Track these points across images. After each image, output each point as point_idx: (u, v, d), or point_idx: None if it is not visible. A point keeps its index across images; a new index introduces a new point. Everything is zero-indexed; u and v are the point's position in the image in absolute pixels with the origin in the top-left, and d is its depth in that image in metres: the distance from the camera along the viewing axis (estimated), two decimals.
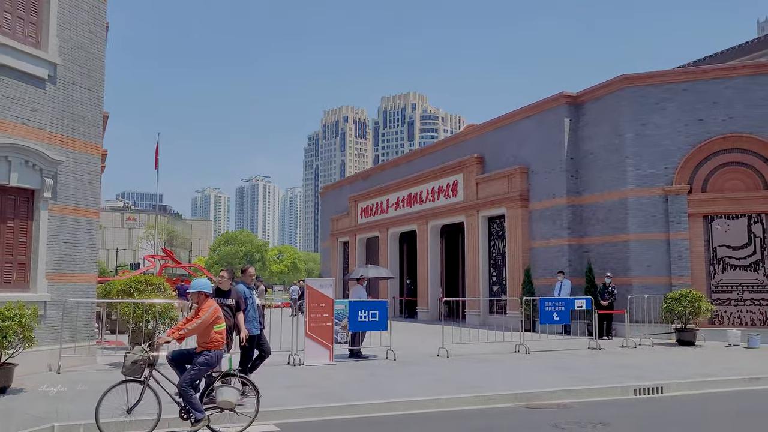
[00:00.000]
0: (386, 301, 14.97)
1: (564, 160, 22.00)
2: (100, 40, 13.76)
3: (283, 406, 9.41)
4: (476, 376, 12.53)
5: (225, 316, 9.00)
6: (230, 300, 9.59)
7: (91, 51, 13.52)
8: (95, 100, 13.54)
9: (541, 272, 22.67)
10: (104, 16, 14.06)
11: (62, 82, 12.82)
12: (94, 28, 13.64)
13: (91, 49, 13.53)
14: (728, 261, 19.33)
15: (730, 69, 19.67)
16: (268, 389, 9.89)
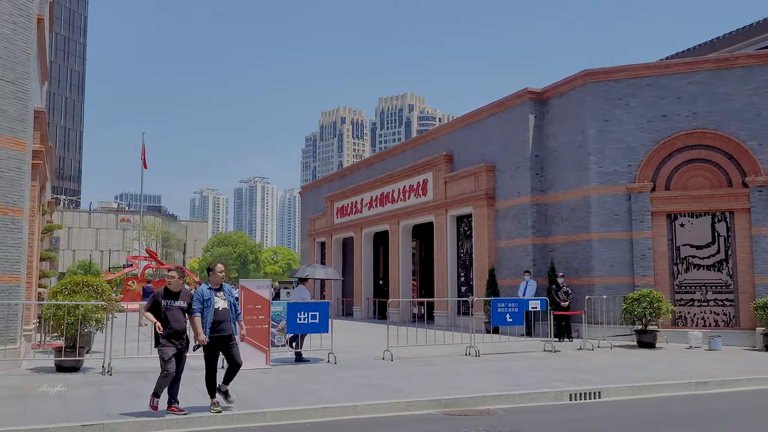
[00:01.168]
0: (328, 302, 14.47)
1: (529, 158, 21.50)
2: (25, 32, 13.28)
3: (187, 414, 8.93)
4: (410, 380, 12.03)
5: (176, 320, 8.74)
6: (180, 302, 8.89)
7: (14, 43, 13.04)
8: (19, 93, 13.05)
9: (506, 272, 22.18)
10: (34, 8, 13.58)
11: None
12: (18, 20, 13.16)
13: (14, 40, 13.05)
14: (692, 260, 18.82)
15: (693, 64, 19.16)
16: (183, 396, 9.41)
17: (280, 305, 14.07)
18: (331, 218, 35.89)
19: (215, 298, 9.02)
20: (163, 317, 8.81)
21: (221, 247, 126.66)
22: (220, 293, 9.12)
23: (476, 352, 15.72)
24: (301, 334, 14.56)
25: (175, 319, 8.80)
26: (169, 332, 8.76)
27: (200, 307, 8.89)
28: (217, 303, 9.01)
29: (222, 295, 9.12)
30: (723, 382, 12.39)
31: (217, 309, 8.98)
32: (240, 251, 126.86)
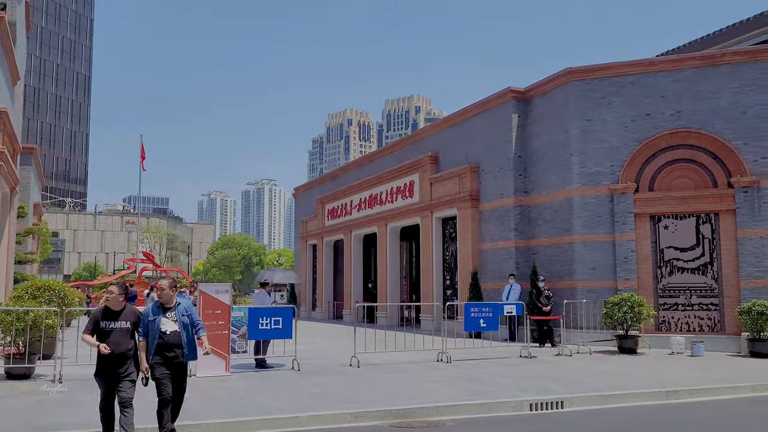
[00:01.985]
0: (291, 308, 14.06)
1: (512, 159, 21.01)
2: None
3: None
4: (368, 389, 11.59)
5: (115, 344, 7.35)
6: (122, 322, 7.49)
7: None
8: None
9: (490, 276, 21.69)
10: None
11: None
12: None
13: None
14: (676, 263, 18.28)
15: (677, 61, 18.62)
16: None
17: (241, 311, 13.66)
18: (322, 220, 35.49)
19: (162, 320, 7.61)
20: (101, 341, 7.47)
21: (225, 249, 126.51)
22: (170, 313, 7.69)
23: (448, 358, 15.26)
24: (264, 341, 14.15)
25: (115, 343, 7.38)
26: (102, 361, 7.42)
27: (145, 330, 7.62)
28: (163, 325, 7.60)
29: (173, 316, 7.69)
30: (695, 390, 11.90)
31: (164, 332, 7.57)
32: (244, 253, 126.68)
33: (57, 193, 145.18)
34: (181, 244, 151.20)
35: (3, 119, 15.34)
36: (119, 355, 7.37)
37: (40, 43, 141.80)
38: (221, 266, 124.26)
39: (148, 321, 7.60)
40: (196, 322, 7.98)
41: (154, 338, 7.55)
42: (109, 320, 7.52)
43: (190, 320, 7.88)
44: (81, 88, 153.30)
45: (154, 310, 7.69)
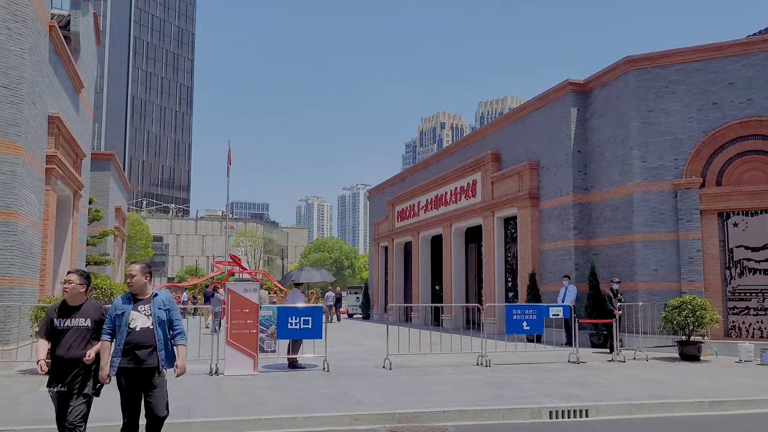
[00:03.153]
0: (321, 307, 13.85)
1: (570, 154, 20.03)
2: (20, 37, 13.53)
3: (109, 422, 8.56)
4: (387, 391, 11.20)
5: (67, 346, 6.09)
6: (80, 319, 6.20)
7: (7, 48, 13.31)
8: (12, 98, 13.29)
9: (549, 277, 20.76)
10: (30, 14, 13.82)
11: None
12: (13, 26, 13.42)
13: (8, 46, 13.31)
14: (747, 264, 16.81)
15: (747, 44, 17.14)
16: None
17: (270, 310, 13.59)
18: (392, 222, 35.27)
19: (132, 314, 6.12)
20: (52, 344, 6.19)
21: (317, 253, 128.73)
22: (143, 306, 6.20)
23: (487, 362, 14.62)
24: (295, 340, 14.03)
25: (67, 345, 6.07)
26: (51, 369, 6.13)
27: (111, 327, 6.13)
28: (133, 320, 6.10)
29: (146, 309, 6.18)
30: (745, 402, 10.79)
31: (132, 329, 6.07)
32: (335, 257, 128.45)
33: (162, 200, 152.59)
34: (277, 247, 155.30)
35: (56, 125, 15.99)
36: (70, 362, 6.07)
37: (146, 57, 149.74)
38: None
39: (115, 315, 6.11)
40: (175, 323, 6.38)
41: (122, 337, 6.06)
42: (64, 317, 6.21)
43: (168, 317, 6.33)
44: (183, 99, 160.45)
45: (123, 301, 6.21)
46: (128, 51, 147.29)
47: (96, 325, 6.26)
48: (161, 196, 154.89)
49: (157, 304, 6.26)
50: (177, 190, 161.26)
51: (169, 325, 6.35)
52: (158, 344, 6.17)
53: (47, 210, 15.77)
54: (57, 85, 16.74)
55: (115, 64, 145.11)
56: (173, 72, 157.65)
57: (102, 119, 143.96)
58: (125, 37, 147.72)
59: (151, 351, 6.11)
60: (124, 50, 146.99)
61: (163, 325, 6.29)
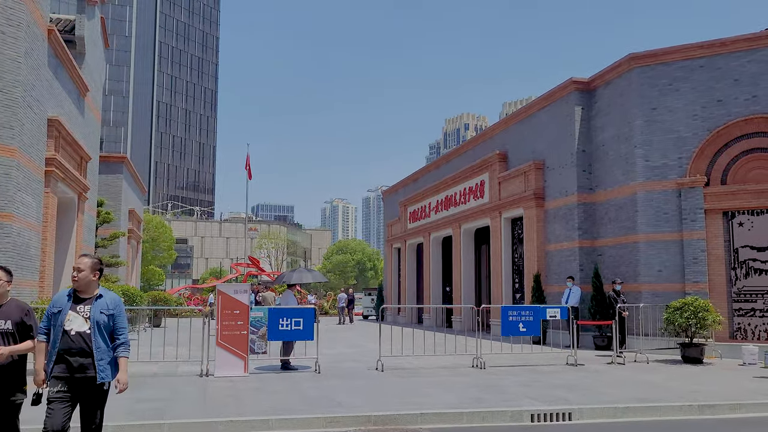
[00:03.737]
0: (313, 308, 13.80)
1: (575, 154, 19.75)
2: (14, 41, 13.69)
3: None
4: (371, 393, 11.10)
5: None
6: (1, 322, 5.56)
7: (1, 52, 13.48)
8: (6, 101, 13.45)
9: (555, 278, 20.49)
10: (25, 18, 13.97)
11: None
12: (8, 29, 13.59)
13: (2, 50, 13.48)
14: (752, 264, 16.42)
15: (752, 40, 16.74)
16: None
17: (261, 311, 13.58)
18: (405, 223, 35.15)
19: (69, 314, 5.37)
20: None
21: (340, 255, 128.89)
22: (83, 307, 5.42)
23: (482, 363, 14.44)
24: (288, 342, 14.00)
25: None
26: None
27: (46, 326, 5.49)
28: (69, 322, 5.34)
29: (85, 311, 5.40)
30: (737, 405, 10.52)
31: (67, 332, 5.31)
32: (358, 259, 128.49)
33: (187, 203, 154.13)
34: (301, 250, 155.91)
35: (56, 128, 16.17)
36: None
37: (171, 61, 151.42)
38: (336, 271, 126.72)
39: (51, 312, 5.43)
40: (119, 331, 5.56)
41: (57, 339, 5.34)
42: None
43: (113, 324, 5.52)
44: (208, 103, 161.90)
45: (62, 298, 5.50)
46: (153, 55, 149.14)
47: (18, 329, 5.60)
48: (186, 199, 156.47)
49: (99, 307, 5.44)
50: (202, 193, 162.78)
51: (113, 332, 5.52)
52: (96, 353, 5.34)
53: (47, 212, 15.93)
54: (58, 89, 16.91)
55: (141, 69, 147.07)
56: (198, 76, 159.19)
57: (128, 123, 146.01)
58: (150, 42, 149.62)
59: (87, 359, 5.31)
60: (149, 55, 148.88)
61: (103, 331, 5.43)
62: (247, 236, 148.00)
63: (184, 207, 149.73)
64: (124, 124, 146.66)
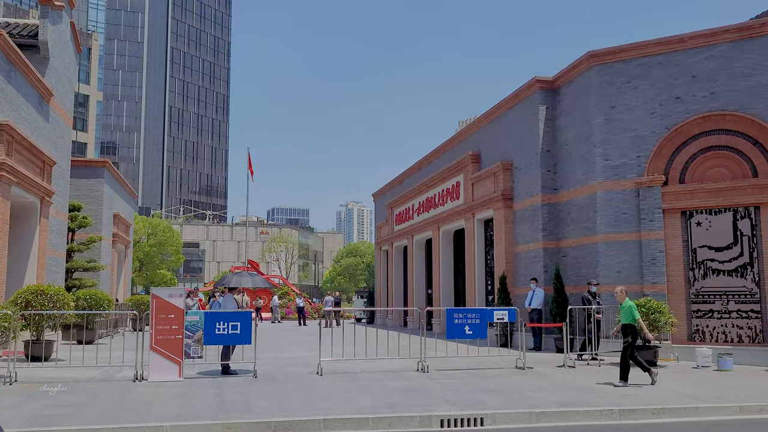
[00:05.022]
0: (250, 312, 13.68)
1: (539, 153, 19.47)
2: None
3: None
4: (286, 398, 10.93)
5: None
6: None
7: None
8: None
9: (522, 280, 20.21)
10: None
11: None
12: None
13: None
14: (710, 265, 16.05)
15: (710, 36, 16.37)
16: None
17: (197, 315, 13.47)
18: (391, 226, 34.96)
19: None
20: None
21: (350, 258, 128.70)
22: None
23: (425, 367, 14.22)
24: (229, 345, 13.87)
25: None
26: None
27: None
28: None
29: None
30: (661, 410, 10.23)
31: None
32: (368, 262, 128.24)
33: (199, 207, 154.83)
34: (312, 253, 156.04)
35: (7, 132, 16.20)
36: None
37: (183, 67, 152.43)
38: (346, 274, 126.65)
39: None
40: None
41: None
42: None
43: None
44: (220, 107, 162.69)
45: None
46: (165, 61, 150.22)
47: None
48: (199, 203, 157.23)
49: None
50: (214, 197, 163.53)
51: None
52: None
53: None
54: (11, 93, 16.95)
55: (153, 74, 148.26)
56: (210, 81, 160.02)
57: (141, 129, 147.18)
58: (162, 48, 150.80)
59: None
60: (161, 60, 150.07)
61: None
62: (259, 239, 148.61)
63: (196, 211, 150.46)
64: (136, 130, 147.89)
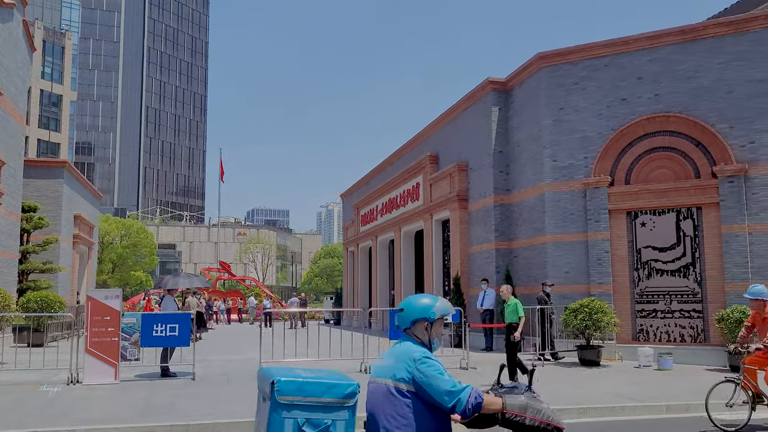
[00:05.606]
0: (189, 314, 13.56)
1: (492, 154, 19.54)
2: None
3: None
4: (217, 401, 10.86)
5: None
6: None
7: None
8: None
9: (476, 281, 20.25)
10: None
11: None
12: None
13: None
14: (654, 265, 16.19)
15: (654, 38, 16.51)
16: None
17: (134, 317, 13.33)
18: (357, 227, 34.91)
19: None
20: None
21: (327, 259, 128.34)
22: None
23: (366, 368, 14.20)
24: (170, 348, 13.75)
25: None
26: None
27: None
28: None
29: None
30: (586, 409, 10.30)
31: None
32: None
33: (177, 208, 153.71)
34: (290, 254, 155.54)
35: None
36: None
37: (159, 66, 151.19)
38: (324, 275, 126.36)
39: None
40: None
41: None
42: None
43: None
44: (198, 108, 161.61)
45: None
46: (142, 60, 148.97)
47: None
48: (176, 204, 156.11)
49: None
50: (192, 198, 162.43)
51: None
52: None
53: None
54: None
55: (129, 74, 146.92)
56: (187, 81, 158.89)
57: (117, 129, 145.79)
58: (139, 47, 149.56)
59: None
60: (138, 60, 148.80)
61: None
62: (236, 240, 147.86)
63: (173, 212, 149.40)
64: (112, 130, 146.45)
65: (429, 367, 3.39)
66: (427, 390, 3.35)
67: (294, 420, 3.29)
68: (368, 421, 3.46)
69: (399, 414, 3.36)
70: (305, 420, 3.29)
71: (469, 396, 3.29)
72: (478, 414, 3.36)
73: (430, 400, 3.35)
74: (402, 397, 3.37)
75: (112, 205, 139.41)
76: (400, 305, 3.70)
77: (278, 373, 3.39)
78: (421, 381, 3.36)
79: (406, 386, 3.38)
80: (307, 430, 3.29)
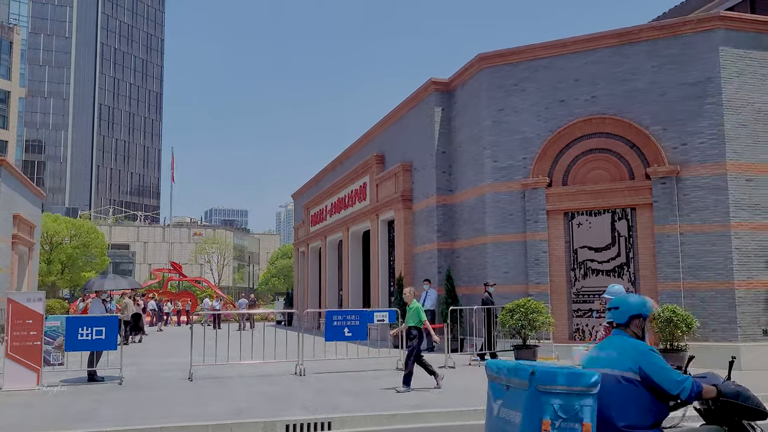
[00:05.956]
0: (117, 317, 13.22)
1: (434, 155, 19.55)
2: None
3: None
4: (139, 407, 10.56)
5: None
6: None
7: None
8: None
9: (419, 281, 20.20)
10: None
11: None
12: None
13: None
14: (590, 265, 16.38)
15: (592, 40, 16.70)
16: None
17: (58, 320, 12.93)
18: (308, 227, 34.68)
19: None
20: None
21: (284, 259, 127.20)
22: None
23: (302, 371, 14.04)
24: (96, 352, 13.37)
25: None
26: None
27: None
28: None
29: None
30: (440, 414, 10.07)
31: None
32: None
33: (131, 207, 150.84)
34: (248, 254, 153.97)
35: None
36: None
37: (113, 63, 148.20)
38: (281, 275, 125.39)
39: None
40: None
41: None
42: None
43: None
44: (153, 106, 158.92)
45: None
46: (95, 57, 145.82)
47: None
48: (131, 204, 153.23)
49: None
50: (147, 198, 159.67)
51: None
52: None
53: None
54: None
55: (82, 71, 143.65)
56: (142, 78, 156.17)
57: (69, 127, 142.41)
58: (92, 44, 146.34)
59: None
60: (90, 56, 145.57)
61: None
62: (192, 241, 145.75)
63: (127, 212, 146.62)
64: (64, 128, 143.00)
65: (656, 359, 4.02)
66: (653, 378, 3.97)
67: (551, 405, 3.80)
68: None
69: (628, 401, 3.97)
70: (560, 405, 3.80)
71: (692, 385, 3.95)
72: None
73: (657, 388, 3.97)
74: (630, 385, 3.99)
75: (63, 204, 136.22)
76: (612, 302, 4.38)
77: (532, 366, 3.91)
78: (649, 371, 3.98)
79: (633, 375, 4.01)
80: (561, 414, 3.79)
